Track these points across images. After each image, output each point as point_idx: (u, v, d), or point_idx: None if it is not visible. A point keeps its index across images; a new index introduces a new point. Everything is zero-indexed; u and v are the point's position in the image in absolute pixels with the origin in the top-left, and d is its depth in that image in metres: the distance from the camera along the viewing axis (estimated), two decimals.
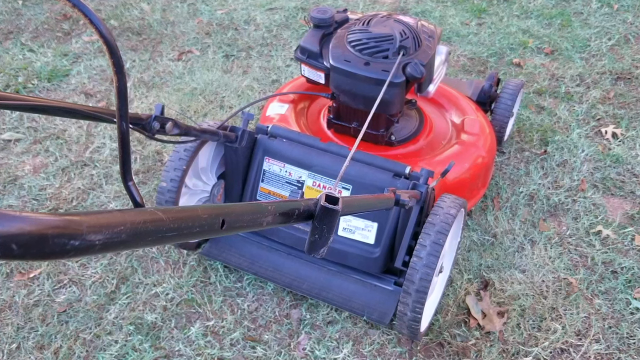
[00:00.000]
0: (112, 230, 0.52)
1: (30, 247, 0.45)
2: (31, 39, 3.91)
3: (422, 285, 1.81)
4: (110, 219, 0.53)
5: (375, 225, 2.11)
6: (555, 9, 4.30)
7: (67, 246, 0.48)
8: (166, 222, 0.59)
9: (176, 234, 0.61)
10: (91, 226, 0.50)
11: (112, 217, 0.53)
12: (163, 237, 0.59)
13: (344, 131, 2.47)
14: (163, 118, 1.61)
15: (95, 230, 0.51)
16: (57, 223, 0.47)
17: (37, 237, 0.46)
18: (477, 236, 2.51)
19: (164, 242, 0.61)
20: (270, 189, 2.25)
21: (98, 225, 0.51)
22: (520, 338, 2.11)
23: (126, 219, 0.54)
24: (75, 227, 0.49)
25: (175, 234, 0.61)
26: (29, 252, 0.46)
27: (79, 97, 3.34)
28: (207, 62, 3.68)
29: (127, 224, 0.54)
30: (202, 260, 2.36)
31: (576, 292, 2.28)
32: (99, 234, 0.51)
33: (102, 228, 0.51)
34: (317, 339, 2.11)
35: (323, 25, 2.32)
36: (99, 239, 0.51)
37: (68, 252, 0.49)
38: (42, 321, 2.16)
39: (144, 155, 2.89)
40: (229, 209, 0.70)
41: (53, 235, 0.47)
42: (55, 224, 0.47)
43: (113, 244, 0.53)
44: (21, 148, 2.94)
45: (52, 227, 0.47)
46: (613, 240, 2.49)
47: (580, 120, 3.19)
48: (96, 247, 0.51)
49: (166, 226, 0.59)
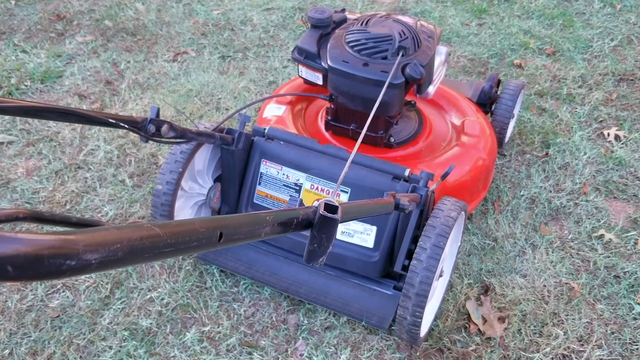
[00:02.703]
0: (108, 249, 0.52)
1: (26, 269, 0.45)
2: (24, 40, 3.86)
3: (422, 289, 1.79)
4: (107, 237, 0.52)
5: (375, 229, 2.09)
6: (557, 9, 4.27)
7: (63, 266, 0.47)
8: (163, 238, 0.58)
9: (173, 250, 0.60)
10: (87, 245, 0.49)
11: (108, 235, 0.52)
12: (160, 253, 0.59)
13: (342, 133, 2.44)
14: (158, 121, 1.59)
15: (92, 249, 0.50)
16: (52, 243, 0.46)
17: (33, 258, 0.45)
18: (478, 240, 2.48)
19: (161, 257, 0.60)
20: (268, 192, 2.22)
21: (94, 244, 0.50)
22: (521, 344, 2.09)
23: (122, 237, 0.53)
24: (71, 246, 0.48)
25: (173, 250, 0.60)
26: (25, 274, 0.45)
27: (73, 98, 3.31)
28: (202, 63, 3.65)
29: (124, 242, 0.53)
30: (197, 264, 2.33)
31: (578, 297, 2.25)
32: (95, 253, 0.50)
33: (99, 246, 0.51)
34: (314, 345, 2.07)
35: (321, 26, 2.29)
36: (95, 258, 0.50)
37: (64, 272, 0.48)
38: (35, 327, 2.12)
39: (139, 157, 2.85)
40: (226, 221, 0.69)
41: (49, 256, 0.46)
42: (50, 244, 0.46)
43: (110, 262, 0.52)
44: (14, 151, 2.90)
45: (47, 247, 0.46)
46: (616, 244, 2.46)
47: (582, 122, 3.16)
48: (92, 266, 0.51)
49: (163, 242, 0.58)
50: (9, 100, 1.17)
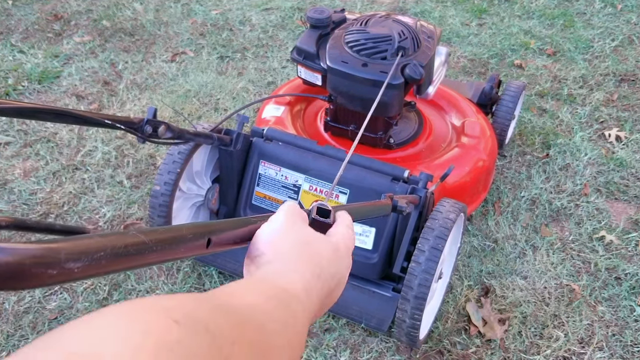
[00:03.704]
0: (91, 257, 0.51)
1: (7, 278, 0.44)
2: (21, 40, 3.85)
3: (421, 292, 1.77)
4: (90, 245, 0.51)
5: (374, 231, 2.07)
6: (558, 9, 4.26)
7: (44, 275, 0.47)
8: (149, 245, 0.57)
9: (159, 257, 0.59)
10: (69, 253, 0.48)
11: (91, 243, 0.51)
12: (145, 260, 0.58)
13: (342, 134, 2.43)
14: (155, 121, 1.58)
15: (74, 257, 0.49)
16: (34, 252, 0.46)
17: (14, 267, 0.44)
18: (478, 242, 2.46)
19: (146, 265, 0.59)
20: (266, 194, 2.21)
21: (77, 252, 0.49)
22: (521, 346, 2.07)
23: (106, 244, 0.52)
24: (54, 255, 0.47)
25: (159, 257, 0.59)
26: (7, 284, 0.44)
27: (70, 99, 3.29)
28: (201, 63, 3.63)
29: (107, 249, 0.52)
30: (196, 266, 2.32)
31: (579, 298, 2.23)
32: (77, 262, 0.49)
33: (81, 255, 0.50)
34: (314, 347, 2.06)
35: (320, 26, 2.28)
36: (78, 266, 0.49)
37: (46, 281, 0.47)
38: (32, 328, 2.11)
39: (137, 159, 2.84)
40: (215, 226, 0.67)
41: (31, 265, 0.45)
42: (32, 253, 0.45)
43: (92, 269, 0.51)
44: (11, 151, 2.89)
45: (29, 256, 0.45)
46: (617, 245, 2.45)
47: (583, 123, 3.15)
48: (74, 274, 0.49)
49: (149, 249, 0.57)
50: (6, 102, 1.17)
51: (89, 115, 1.35)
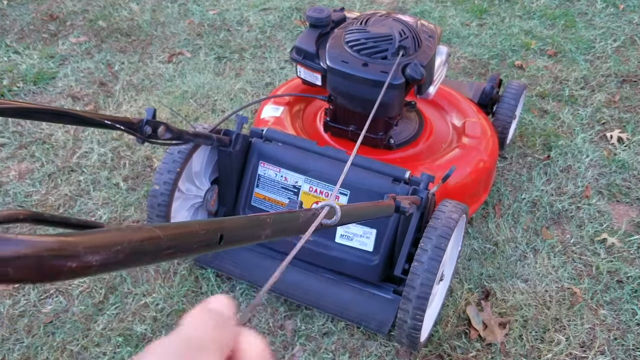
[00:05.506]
0: (109, 250, 0.52)
1: (26, 271, 0.45)
2: (16, 40, 3.82)
3: (424, 291, 1.75)
4: (107, 239, 0.52)
5: (374, 232, 2.05)
6: (559, 9, 4.24)
7: (63, 268, 0.48)
8: (164, 240, 0.58)
9: (174, 252, 0.60)
10: (87, 247, 0.50)
11: (108, 237, 0.53)
12: (161, 255, 0.59)
13: (341, 134, 2.41)
14: (155, 122, 1.59)
15: (92, 250, 0.50)
16: (52, 245, 0.47)
17: (33, 260, 0.45)
18: (478, 244, 2.44)
19: (161, 260, 0.60)
20: (266, 195, 2.19)
21: (95, 246, 0.51)
22: (522, 350, 2.05)
23: (123, 238, 0.54)
24: (72, 248, 0.48)
25: (173, 252, 0.60)
26: (27, 276, 0.46)
27: (66, 100, 3.26)
28: (198, 64, 3.61)
29: (125, 243, 0.53)
30: (193, 269, 2.29)
31: (580, 302, 2.21)
32: (96, 255, 0.50)
33: (99, 248, 0.51)
34: (312, 351, 2.04)
35: (319, 25, 2.26)
36: (97, 260, 0.51)
37: (65, 274, 0.48)
38: (27, 332, 2.09)
39: (133, 160, 2.81)
40: (227, 223, 0.69)
41: (49, 257, 0.46)
42: (50, 245, 0.46)
43: (110, 264, 0.53)
44: (6, 153, 2.86)
45: (47, 249, 0.46)
46: (619, 248, 2.43)
47: (584, 124, 3.13)
48: (93, 267, 0.51)
49: (164, 244, 0.59)
50: (6, 102, 1.17)
51: (88, 116, 1.36)
